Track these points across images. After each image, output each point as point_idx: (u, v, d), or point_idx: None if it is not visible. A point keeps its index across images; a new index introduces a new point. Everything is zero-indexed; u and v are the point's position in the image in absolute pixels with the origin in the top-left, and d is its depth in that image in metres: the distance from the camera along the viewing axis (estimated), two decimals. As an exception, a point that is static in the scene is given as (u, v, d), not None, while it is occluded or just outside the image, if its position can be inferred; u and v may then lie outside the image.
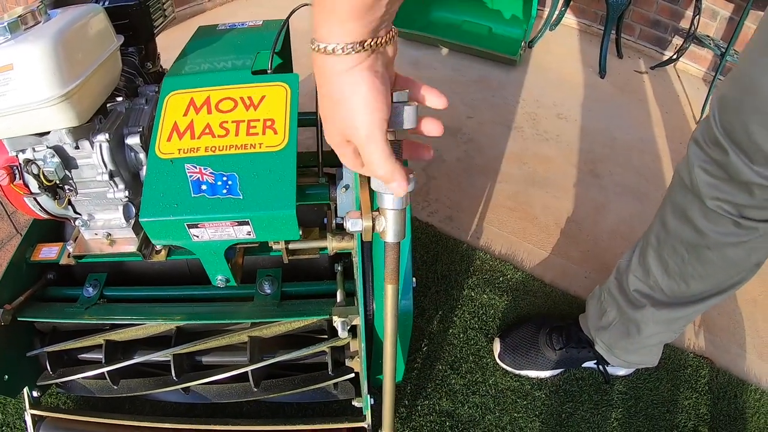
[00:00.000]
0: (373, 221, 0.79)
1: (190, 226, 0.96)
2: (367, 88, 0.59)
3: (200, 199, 0.96)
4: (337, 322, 1.07)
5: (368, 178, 0.77)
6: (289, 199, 0.95)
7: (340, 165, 1.17)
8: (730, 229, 1.03)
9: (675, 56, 2.87)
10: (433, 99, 0.70)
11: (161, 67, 1.47)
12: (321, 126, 1.39)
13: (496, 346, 1.55)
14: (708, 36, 2.70)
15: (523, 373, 1.52)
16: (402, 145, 0.71)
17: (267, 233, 0.99)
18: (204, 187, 0.97)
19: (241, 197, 0.95)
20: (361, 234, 1.05)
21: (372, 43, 0.57)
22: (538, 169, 2.20)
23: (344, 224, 0.82)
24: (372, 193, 0.83)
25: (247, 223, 0.96)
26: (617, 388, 1.51)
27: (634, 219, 1.99)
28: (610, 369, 1.51)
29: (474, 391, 1.49)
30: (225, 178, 0.97)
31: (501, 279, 1.76)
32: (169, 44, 1.42)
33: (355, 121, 0.61)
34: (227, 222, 0.96)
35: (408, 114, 0.66)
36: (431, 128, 0.71)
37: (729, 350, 1.63)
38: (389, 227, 0.78)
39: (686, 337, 1.65)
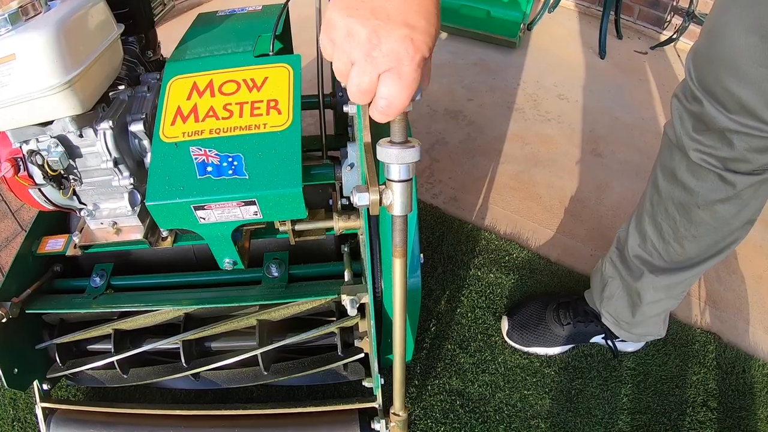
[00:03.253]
0: (380, 194, 0.79)
1: (196, 208, 0.97)
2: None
3: (206, 180, 0.96)
4: (345, 300, 1.07)
5: (374, 153, 0.77)
6: (295, 178, 0.95)
7: (343, 146, 1.17)
8: (717, 185, 1.04)
9: (675, 36, 2.85)
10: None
11: (162, 56, 1.47)
12: (324, 107, 1.40)
13: (504, 324, 1.56)
14: (707, 14, 2.68)
15: (532, 350, 1.52)
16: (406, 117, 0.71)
17: (274, 213, 0.99)
18: (209, 168, 0.97)
19: (247, 177, 0.96)
20: (368, 209, 1.06)
21: None
22: (541, 149, 2.19)
23: (351, 199, 0.82)
24: (378, 167, 0.83)
25: (253, 203, 0.96)
26: (626, 364, 1.52)
27: (637, 197, 1.97)
28: (619, 345, 1.51)
29: (483, 370, 1.49)
30: (230, 159, 0.98)
31: (507, 258, 1.76)
32: (170, 37, 1.42)
33: (413, 20, 0.55)
34: (234, 203, 0.96)
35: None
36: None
37: (736, 326, 1.63)
38: (396, 200, 0.77)
39: (693, 313, 1.65)
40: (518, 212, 1.93)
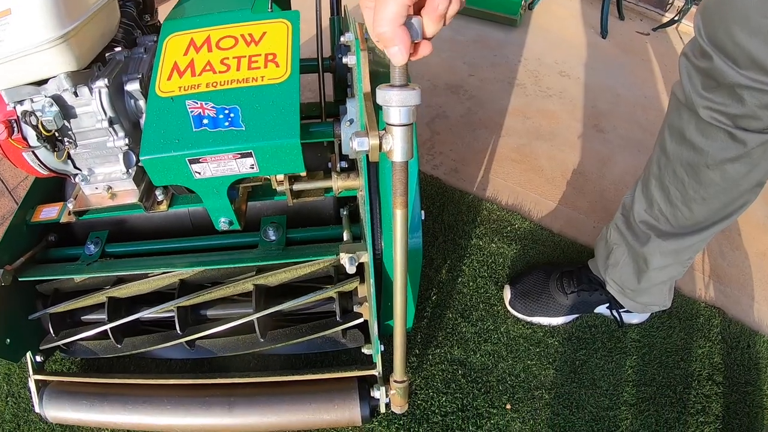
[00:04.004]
0: (380, 139, 0.77)
1: (191, 162, 0.95)
2: None
3: (202, 133, 0.95)
4: (344, 258, 1.04)
5: (374, 98, 0.76)
6: (293, 129, 0.93)
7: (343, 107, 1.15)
8: (727, 143, 1.03)
9: (677, 18, 2.84)
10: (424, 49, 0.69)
11: (159, 21, 1.46)
12: (323, 71, 1.38)
13: (507, 293, 1.54)
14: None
15: (535, 320, 1.50)
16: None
17: (271, 166, 0.97)
18: (205, 121, 0.96)
19: (244, 129, 0.94)
20: (367, 162, 1.05)
21: None
22: (542, 123, 2.17)
23: (350, 145, 0.80)
24: (378, 116, 0.81)
25: (250, 155, 0.94)
26: (630, 336, 1.50)
27: (640, 171, 1.95)
28: (624, 317, 1.50)
29: (486, 339, 1.48)
30: (227, 112, 0.96)
31: (509, 228, 1.74)
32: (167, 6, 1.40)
33: None
34: (230, 155, 0.94)
35: (416, 25, 0.64)
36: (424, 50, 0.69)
37: (740, 301, 1.62)
38: (397, 144, 0.76)
39: (697, 287, 1.63)
40: (520, 184, 1.91)
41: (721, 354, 1.48)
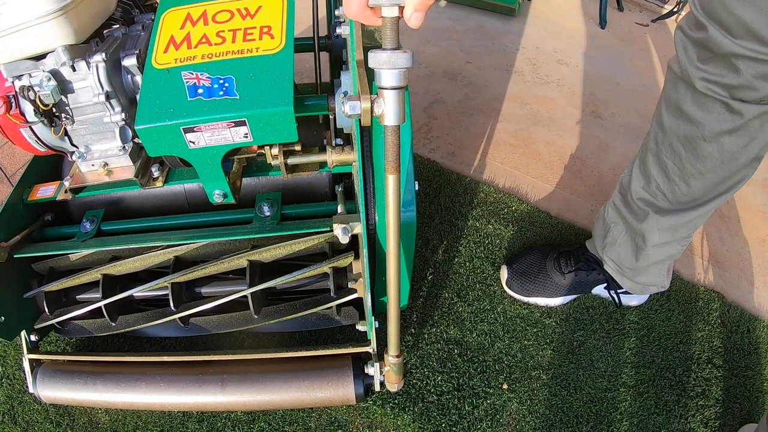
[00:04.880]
0: (371, 103, 0.78)
1: (186, 131, 0.96)
2: None
3: (196, 102, 0.96)
4: (337, 228, 1.05)
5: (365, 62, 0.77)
6: (286, 97, 0.94)
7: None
8: (724, 115, 1.03)
9: (676, 9, 2.84)
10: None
11: (156, 1, 1.46)
12: (319, 50, 1.38)
13: (504, 273, 1.54)
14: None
15: (532, 300, 1.51)
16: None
17: (264, 134, 0.98)
18: (200, 91, 0.97)
19: (238, 97, 0.95)
20: (360, 129, 1.05)
21: None
22: (540, 109, 2.17)
23: (342, 109, 0.80)
24: (371, 84, 0.82)
25: (244, 124, 0.95)
26: (629, 318, 1.50)
27: (638, 157, 1.98)
28: (623, 299, 1.50)
29: (482, 319, 1.48)
30: (222, 81, 0.97)
31: (506, 210, 1.74)
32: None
33: None
34: (224, 123, 0.95)
35: None
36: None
37: (739, 286, 1.62)
38: (388, 108, 0.76)
39: (696, 271, 1.64)
40: (517, 168, 1.92)
41: (720, 338, 1.48)
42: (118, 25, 1.21)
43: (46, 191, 1.30)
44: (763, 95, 0.97)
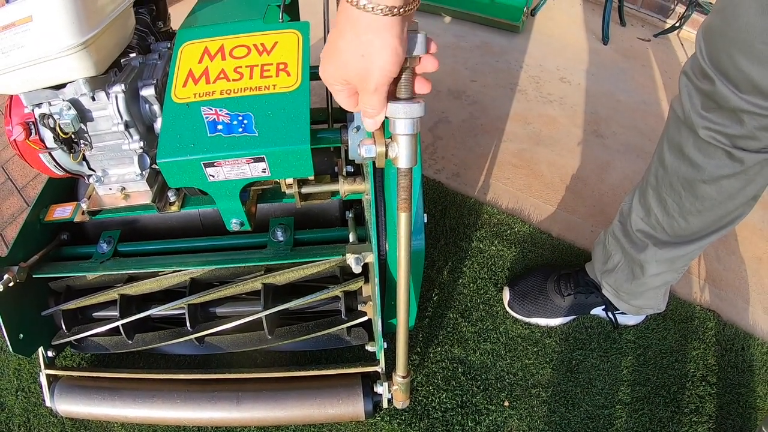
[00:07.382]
0: (386, 147, 0.81)
1: (206, 165, 0.99)
2: (391, 52, 0.64)
3: (216, 138, 0.98)
4: (350, 258, 1.09)
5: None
6: (303, 135, 0.97)
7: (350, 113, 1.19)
8: (724, 161, 1.05)
9: (678, 24, 2.85)
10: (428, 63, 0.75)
11: (171, 28, 1.49)
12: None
13: (506, 295, 1.58)
14: (710, 3, 2.69)
15: (533, 320, 1.55)
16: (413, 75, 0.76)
17: (282, 170, 1.01)
18: (220, 126, 0.99)
19: (257, 135, 0.98)
20: (373, 168, 1.09)
21: (404, 10, 0.61)
22: (543, 128, 2.21)
23: (358, 152, 0.84)
24: (384, 124, 0.85)
25: (262, 160, 0.98)
26: (626, 337, 1.54)
27: (638, 177, 1.99)
28: (619, 319, 1.53)
29: (485, 339, 1.52)
30: (240, 118, 0.99)
31: (509, 232, 1.78)
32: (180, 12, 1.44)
33: (370, 73, 0.67)
34: (243, 159, 0.98)
35: (419, 41, 0.69)
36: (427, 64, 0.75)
37: (735, 305, 1.64)
38: (402, 152, 0.80)
39: (693, 290, 1.67)
40: (520, 188, 1.95)
41: (715, 356, 1.51)
42: (135, 54, 1.23)
43: (63, 212, 1.33)
44: (765, 145, 0.99)
